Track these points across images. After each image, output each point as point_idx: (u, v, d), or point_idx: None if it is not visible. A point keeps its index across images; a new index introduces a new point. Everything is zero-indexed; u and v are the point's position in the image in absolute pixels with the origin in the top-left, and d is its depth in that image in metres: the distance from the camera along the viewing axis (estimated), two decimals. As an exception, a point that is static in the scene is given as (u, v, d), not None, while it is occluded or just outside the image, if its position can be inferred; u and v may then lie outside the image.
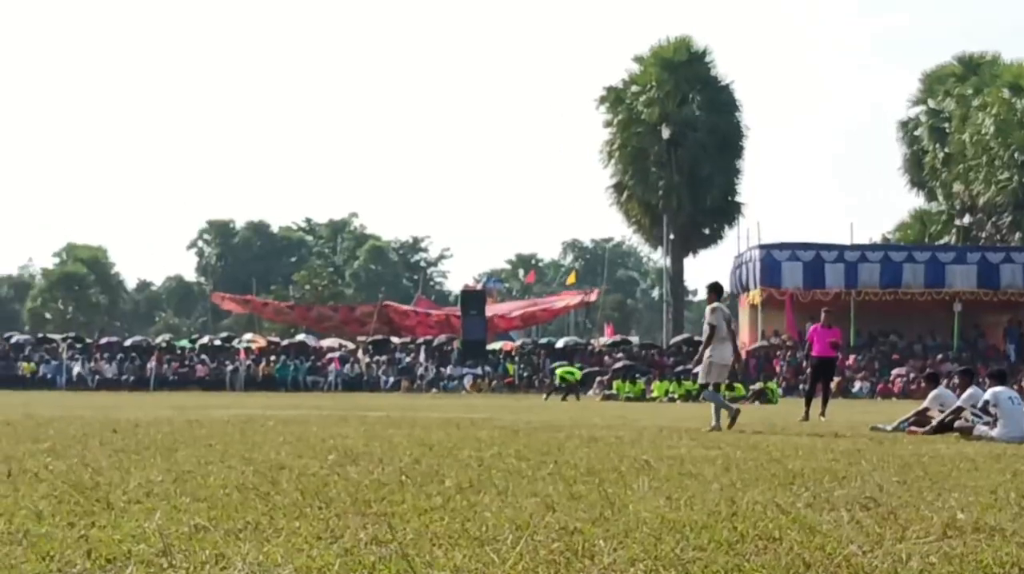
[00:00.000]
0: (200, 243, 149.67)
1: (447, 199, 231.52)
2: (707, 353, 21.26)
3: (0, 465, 10.85)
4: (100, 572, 5.49)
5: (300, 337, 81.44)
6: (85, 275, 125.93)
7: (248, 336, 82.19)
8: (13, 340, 75.84)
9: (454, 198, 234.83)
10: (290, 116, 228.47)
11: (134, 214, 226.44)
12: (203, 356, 72.33)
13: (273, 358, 71.66)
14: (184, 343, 78.49)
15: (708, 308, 21.75)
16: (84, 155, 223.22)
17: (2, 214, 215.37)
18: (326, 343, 77.64)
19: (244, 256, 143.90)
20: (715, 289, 22.20)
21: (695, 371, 22.66)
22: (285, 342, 78.37)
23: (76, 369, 68.80)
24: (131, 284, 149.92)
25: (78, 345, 74.14)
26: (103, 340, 78.40)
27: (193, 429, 18.18)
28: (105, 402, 37.36)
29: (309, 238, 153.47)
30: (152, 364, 68.55)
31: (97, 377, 68.08)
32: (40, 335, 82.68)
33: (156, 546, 6.07)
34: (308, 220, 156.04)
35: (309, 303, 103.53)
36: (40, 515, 7.22)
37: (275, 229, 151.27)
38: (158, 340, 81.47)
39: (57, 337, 78.57)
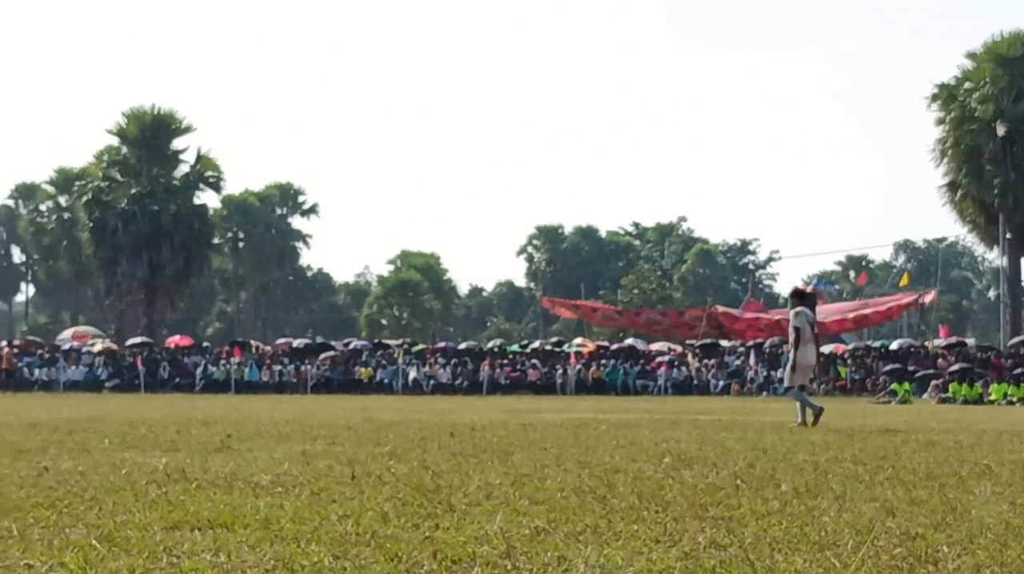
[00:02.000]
0: (530, 249, 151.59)
1: (776, 201, 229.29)
2: (793, 356, 22.40)
3: (344, 468, 11.18)
4: (446, 573, 5.61)
5: (629, 341, 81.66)
6: (419, 281, 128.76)
7: (578, 340, 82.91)
8: (351, 346, 78.11)
9: (783, 200, 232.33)
10: (617, 123, 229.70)
11: (466, 221, 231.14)
12: (534, 360, 73.10)
13: (603, 362, 72.04)
14: (515, 348, 79.53)
15: (792, 312, 22.80)
16: (418, 165, 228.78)
17: (340, 224, 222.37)
18: (655, 347, 77.72)
19: (573, 261, 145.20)
20: (797, 294, 23.34)
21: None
22: (614, 346, 78.68)
23: (412, 374, 70.32)
24: (463, 290, 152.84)
25: (413, 350, 75.83)
26: (437, 345, 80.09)
27: (527, 432, 18.42)
28: (441, 406, 38.16)
29: (637, 242, 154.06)
30: (485, 368, 69.66)
31: (432, 381, 69.49)
32: (376, 341, 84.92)
33: (499, 548, 6.18)
34: (636, 224, 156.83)
35: (638, 307, 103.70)
36: (386, 517, 7.42)
37: (603, 234, 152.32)
38: (490, 345, 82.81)
39: (393, 342, 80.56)
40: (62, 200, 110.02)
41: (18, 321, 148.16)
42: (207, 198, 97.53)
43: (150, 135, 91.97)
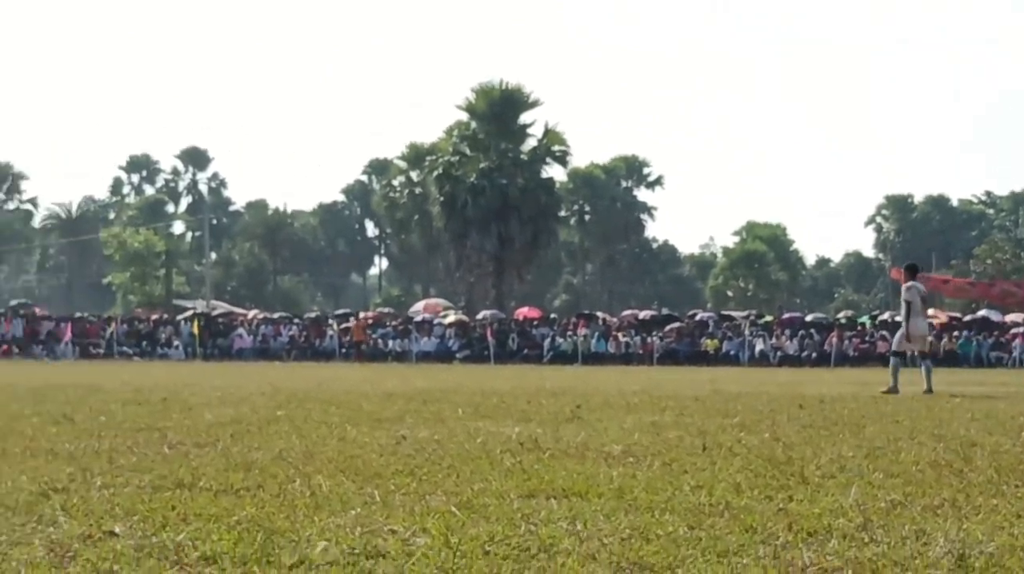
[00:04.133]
0: (879, 219, 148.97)
1: None
2: (906, 326, 24.48)
3: (695, 439, 11.22)
4: (802, 545, 5.56)
5: (982, 313, 79.32)
6: (765, 253, 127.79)
7: (929, 312, 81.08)
8: (697, 317, 78.06)
9: None
10: (968, 88, 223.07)
11: (813, 191, 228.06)
12: (883, 332, 71.71)
13: (955, 334, 70.23)
14: (864, 319, 78.21)
15: (904, 286, 24.80)
16: (763, 135, 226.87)
17: (685, 195, 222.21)
18: (1011, 318, 75.31)
19: (923, 231, 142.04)
20: (910, 269, 25.45)
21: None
22: (967, 318, 76.61)
23: (758, 346, 69.83)
24: (810, 261, 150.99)
25: (760, 322, 75.31)
26: (784, 316, 79.36)
27: (878, 405, 18.15)
28: (788, 378, 37.82)
29: (990, 211, 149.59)
30: (832, 340, 68.67)
31: (779, 353, 68.90)
32: (722, 312, 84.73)
33: (855, 521, 6.11)
34: (988, 193, 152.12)
35: (991, 278, 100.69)
36: (738, 488, 7.42)
37: (955, 203, 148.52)
38: (838, 316, 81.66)
39: (739, 314, 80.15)
40: (414, 175, 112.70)
41: (372, 294, 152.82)
42: (554, 172, 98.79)
43: (498, 110, 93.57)
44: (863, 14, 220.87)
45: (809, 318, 78.52)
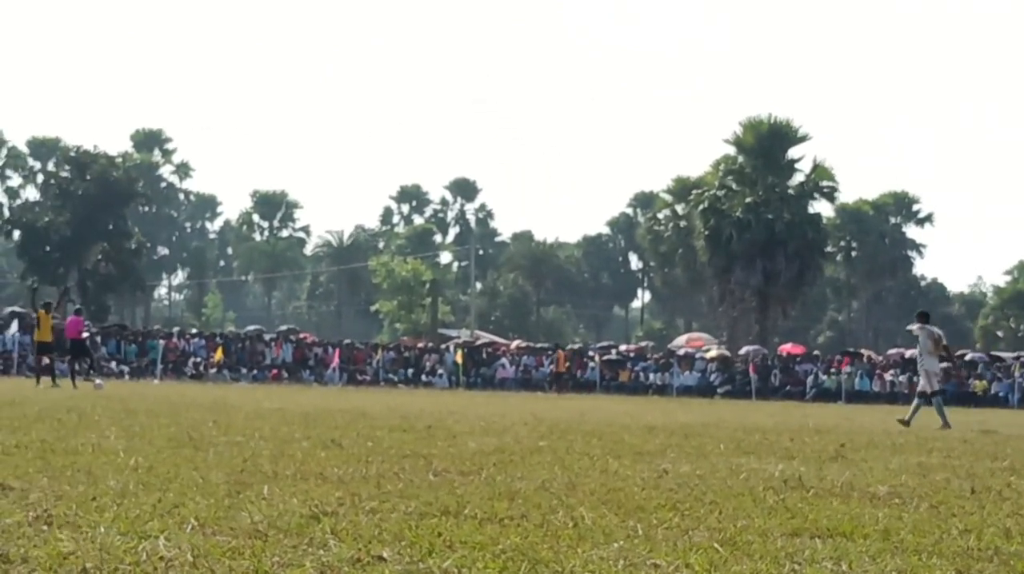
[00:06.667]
0: None
1: None
2: (921, 365, 27.88)
3: (963, 481, 11.00)
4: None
5: None
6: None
7: None
8: (966, 358, 76.29)
9: None
10: None
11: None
12: None
13: None
14: None
15: (916, 327, 27.89)
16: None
17: (955, 233, 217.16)
18: None
19: None
20: (920, 316, 28.39)
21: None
22: None
23: (1033, 387, 68.09)
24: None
25: (1034, 362, 73.31)
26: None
27: None
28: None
29: None
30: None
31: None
32: (992, 353, 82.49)
33: None
34: None
35: None
36: (1008, 533, 7.25)
37: None
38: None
39: (1009, 355, 78.00)
40: (679, 208, 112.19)
41: (634, 326, 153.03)
42: (821, 207, 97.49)
43: (766, 144, 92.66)
44: None
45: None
